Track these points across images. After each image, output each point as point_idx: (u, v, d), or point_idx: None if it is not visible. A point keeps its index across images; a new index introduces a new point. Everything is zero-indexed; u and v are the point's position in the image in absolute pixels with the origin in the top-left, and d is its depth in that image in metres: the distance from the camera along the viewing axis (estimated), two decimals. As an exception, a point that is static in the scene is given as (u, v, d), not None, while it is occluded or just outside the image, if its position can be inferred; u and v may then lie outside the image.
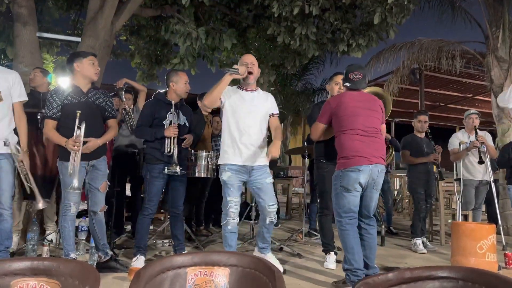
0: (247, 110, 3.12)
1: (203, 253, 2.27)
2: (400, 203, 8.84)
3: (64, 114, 3.00)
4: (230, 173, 3.05)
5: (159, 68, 7.41)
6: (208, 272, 1.81)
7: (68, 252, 2.99)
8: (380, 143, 2.98)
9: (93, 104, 3.10)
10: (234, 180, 3.06)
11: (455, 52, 7.40)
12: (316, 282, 3.07)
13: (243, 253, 2.41)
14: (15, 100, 3.01)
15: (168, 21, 5.97)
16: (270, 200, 3.12)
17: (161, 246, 4.17)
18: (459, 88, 10.84)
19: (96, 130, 3.09)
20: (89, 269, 1.58)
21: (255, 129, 3.14)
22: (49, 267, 1.62)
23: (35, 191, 2.95)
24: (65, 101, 3.01)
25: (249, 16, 6.72)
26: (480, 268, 2.96)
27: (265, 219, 3.13)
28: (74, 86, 3.08)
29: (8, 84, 2.96)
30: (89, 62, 3.08)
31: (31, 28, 4.63)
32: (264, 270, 1.76)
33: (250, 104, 3.15)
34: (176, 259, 1.81)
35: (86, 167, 3.04)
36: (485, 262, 3.06)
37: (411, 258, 4.08)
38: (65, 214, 2.99)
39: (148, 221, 3.36)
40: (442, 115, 13.60)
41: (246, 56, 3.25)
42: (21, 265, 1.62)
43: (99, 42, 4.84)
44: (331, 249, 3.63)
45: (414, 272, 1.72)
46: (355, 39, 5.78)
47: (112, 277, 2.99)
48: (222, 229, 3.10)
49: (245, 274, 1.82)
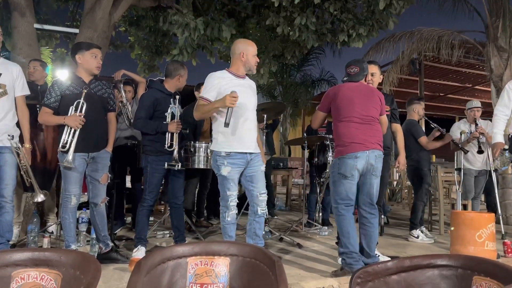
0: (244, 96, 2.91)
1: (203, 243, 2.28)
2: (400, 193, 8.87)
3: (65, 104, 2.99)
4: (230, 167, 2.85)
5: (159, 59, 7.36)
6: (209, 262, 1.82)
7: (69, 243, 3.00)
8: (376, 129, 3.04)
9: (95, 95, 3.10)
10: (234, 174, 2.88)
11: (455, 42, 7.36)
12: (315, 271, 3.08)
13: (243, 242, 2.42)
14: (18, 93, 3.01)
15: (167, 11, 5.93)
16: (262, 188, 2.97)
17: (161, 237, 4.19)
18: (458, 78, 10.81)
19: (98, 121, 3.09)
20: (90, 260, 1.59)
21: (253, 114, 3.02)
22: (50, 258, 1.63)
23: (34, 185, 2.97)
24: (67, 91, 3.01)
25: (248, 6, 6.67)
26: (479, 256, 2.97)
27: (256, 210, 2.94)
28: (77, 77, 3.08)
29: (12, 77, 2.96)
30: (91, 55, 3.06)
31: (29, 20, 4.60)
32: (264, 259, 1.77)
33: (245, 89, 2.96)
34: (176, 249, 1.82)
35: (86, 159, 3.04)
36: (484, 250, 3.08)
37: (410, 248, 4.10)
38: (66, 206, 3.00)
39: (148, 212, 3.37)
40: (442, 105, 13.58)
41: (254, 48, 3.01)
42: (22, 256, 1.63)
43: (97, 33, 4.81)
44: None
45: (413, 260, 1.74)
46: (355, 29, 5.75)
47: (113, 268, 3.00)
48: (221, 220, 2.95)
49: (246, 263, 1.83)
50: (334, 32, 6.04)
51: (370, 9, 5.71)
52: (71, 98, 2.99)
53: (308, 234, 4.61)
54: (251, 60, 2.96)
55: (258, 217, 2.93)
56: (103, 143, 3.15)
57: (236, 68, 2.98)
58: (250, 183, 2.96)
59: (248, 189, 2.99)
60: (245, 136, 2.91)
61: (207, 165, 4.02)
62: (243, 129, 2.91)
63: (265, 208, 2.99)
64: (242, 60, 2.95)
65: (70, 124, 2.90)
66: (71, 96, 3.00)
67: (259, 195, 2.94)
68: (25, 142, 2.99)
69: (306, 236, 4.53)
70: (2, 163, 2.86)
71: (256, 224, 2.94)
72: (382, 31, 5.97)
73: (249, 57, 2.95)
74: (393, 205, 8.37)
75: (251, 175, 2.95)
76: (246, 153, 2.91)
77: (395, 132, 3.73)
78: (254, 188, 2.95)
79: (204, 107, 2.89)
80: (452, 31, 7.36)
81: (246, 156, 2.91)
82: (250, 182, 2.96)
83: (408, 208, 7.43)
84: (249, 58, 2.95)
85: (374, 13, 5.62)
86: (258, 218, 2.93)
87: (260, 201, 2.94)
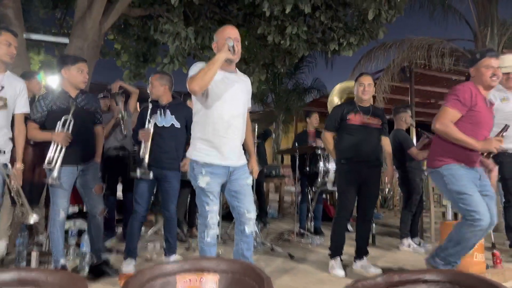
0: (232, 96, 2.53)
1: (192, 260, 2.27)
2: (391, 200, 8.90)
3: (52, 119, 2.98)
4: (208, 177, 2.46)
5: (144, 68, 7.34)
6: (198, 278, 1.81)
7: (57, 258, 2.97)
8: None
9: (81, 109, 3.08)
10: (213, 186, 2.49)
11: (445, 50, 7.46)
12: (307, 283, 3.08)
13: (232, 259, 2.40)
14: (18, 111, 2.95)
15: (157, 20, 5.93)
16: (250, 205, 2.56)
17: (152, 248, 4.16)
18: (449, 85, 10.91)
19: (86, 135, 3.08)
20: (77, 280, 1.57)
21: (241, 121, 2.59)
22: (37, 278, 1.61)
23: (26, 206, 2.89)
24: (53, 106, 2.99)
25: (239, 15, 6.70)
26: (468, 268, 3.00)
27: (243, 229, 2.55)
28: (63, 91, 3.06)
29: (15, 93, 2.92)
30: (78, 70, 3.04)
31: (17, 30, 4.53)
32: (254, 276, 1.76)
33: (234, 88, 2.56)
34: (165, 267, 1.80)
35: (75, 172, 3.02)
36: (473, 262, 3.10)
37: (402, 257, 4.11)
38: (54, 220, 2.98)
39: (138, 224, 3.35)
40: (433, 112, 13.69)
41: (231, 29, 2.57)
42: (8, 277, 1.61)
43: (88, 42, 4.80)
44: (338, 254, 3.47)
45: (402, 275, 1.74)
46: (346, 37, 5.79)
47: (102, 283, 2.97)
48: (199, 241, 2.56)
49: (235, 281, 1.82)
50: (325, 41, 6.08)
51: (360, 19, 5.76)
52: (58, 113, 2.98)
53: (300, 244, 4.60)
54: (221, 43, 2.51)
55: (246, 237, 2.55)
56: (91, 155, 3.15)
57: None
58: (235, 200, 2.57)
59: (233, 206, 2.59)
60: (226, 145, 2.51)
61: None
62: (226, 137, 2.51)
63: (254, 227, 2.63)
64: (216, 51, 2.55)
65: (58, 140, 2.88)
66: (58, 111, 2.98)
67: (246, 212, 2.55)
68: (17, 161, 2.92)
69: (298, 246, 4.52)
70: None
71: (244, 245, 2.56)
72: (373, 40, 6.03)
73: (219, 44, 2.54)
74: (385, 212, 8.39)
75: (236, 190, 2.57)
76: (227, 166, 2.54)
77: (383, 146, 3.72)
78: (240, 205, 2.55)
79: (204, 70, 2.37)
80: (442, 40, 7.47)
81: (228, 168, 2.54)
82: (235, 198, 2.57)
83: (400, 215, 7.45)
84: (219, 45, 2.52)
85: (365, 22, 5.68)
86: (245, 238, 2.55)
87: (247, 219, 2.54)
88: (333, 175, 4.71)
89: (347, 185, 3.46)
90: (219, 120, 2.48)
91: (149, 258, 3.76)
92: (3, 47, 2.80)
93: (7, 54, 2.81)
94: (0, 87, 2.82)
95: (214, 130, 2.48)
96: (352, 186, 3.45)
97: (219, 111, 2.48)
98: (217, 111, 2.48)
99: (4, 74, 2.88)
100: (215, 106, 2.48)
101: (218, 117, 2.48)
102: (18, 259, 3.30)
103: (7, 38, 2.81)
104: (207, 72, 2.34)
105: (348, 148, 3.47)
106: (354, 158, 3.44)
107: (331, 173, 4.71)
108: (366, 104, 3.56)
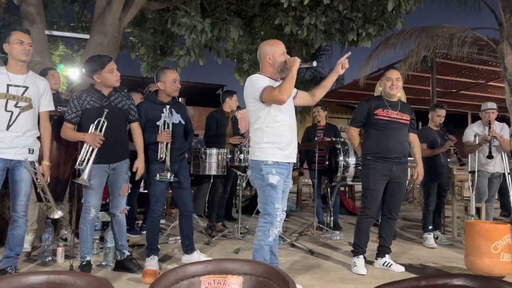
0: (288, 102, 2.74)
1: (216, 261, 2.28)
2: (412, 193, 8.79)
3: (86, 118, 2.99)
4: (279, 177, 2.65)
5: (162, 60, 7.34)
6: (222, 281, 1.81)
7: (84, 254, 3.03)
8: None
9: (115, 107, 3.08)
10: (281, 183, 2.68)
11: (467, 39, 7.24)
12: (328, 281, 3.07)
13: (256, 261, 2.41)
14: (43, 109, 3.00)
15: (174, 13, 5.91)
16: (285, 204, 2.80)
17: (173, 243, 4.20)
18: (471, 74, 10.64)
19: (118, 133, 3.08)
20: (104, 284, 1.60)
21: (295, 122, 2.87)
22: (65, 281, 1.64)
23: (51, 202, 2.97)
24: (87, 106, 2.99)
25: (255, 5, 6.62)
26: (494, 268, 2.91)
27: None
28: (96, 90, 3.06)
29: (39, 91, 2.95)
30: (108, 71, 3.01)
31: (39, 27, 4.61)
32: (277, 279, 1.75)
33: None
34: (189, 268, 1.82)
35: (107, 170, 3.05)
36: (500, 262, 3.02)
37: (423, 254, 4.06)
38: (85, 218, 3.02)
39: (157, 224, 3.36)
40: (454, 101, 13.39)
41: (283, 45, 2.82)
42: (38, 279, 1.64)
43: (108, 38, 4.82)
44: (362, 252, 3.42)
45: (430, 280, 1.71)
46: (364, 28, 5.67)
47: (126, 278, 3.02)
48: (259, 239, 2.66)
49: (259, 283, 1.82)
50: (343, 31, 5.97)
51: (379, 9, 5.63)
52: (92, 112, 2.98)
53: (319, 239, 4.59)
54: (278, 59, 2.74)
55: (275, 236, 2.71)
56: (123, 154, 3.15)
57: (268, 71, 2.78)
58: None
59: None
60: (290, 144, 2.74)
61: (218, 171, 4.00)
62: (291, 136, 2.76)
63: (281, 228, 2.79)
64: (270, 63, 2.76)
65: (89, 142, 2.89)
66: (92, 110, 2.99)
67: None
68: (44, 159, 2.97)
69: (318, 241, 4.51)
70: (18, 178, 2.84)
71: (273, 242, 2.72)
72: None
73: (275, 58, 2.74)
74: (405, 204, 8.30)
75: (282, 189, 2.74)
76: (289, 163, 2.76)
77: (412, 143, 3.62)
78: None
79: (288, 82, 2.61)
80: (465, 28, 7.26)
81: (289, 166, 2.77)
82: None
83: (420, 207, 7.36)
84: (276, 59, 2.74)
85: (384, 12, 5.54)
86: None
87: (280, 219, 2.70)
88: (353, 169, 4.67)
89: (373, 182, 3.38)
90: (287, 123, 2.74)
91: (171, 253, 3.81)
92: (16, 46, 2.82)
93: (21, 52, 2.82)
94: (24, 88, 2.86)
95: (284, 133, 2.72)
96: (379, 183, 3.38)
97: (282, 116, 2.72)
98: (280, 115, 2.71)
99: (26, 74, 2.91)
100: (278, 111, 2.71)
101: (282, 121, 2.72)
102: (45, 254, 3.39)
103: (18, 36, 2.83)
104: (291, 84, 2.62)
105: (375, 144, 3.40)
106: (381, 154, 3.37)
107: (351, 168, 4.66)
108: (394, 99, 3.48)
